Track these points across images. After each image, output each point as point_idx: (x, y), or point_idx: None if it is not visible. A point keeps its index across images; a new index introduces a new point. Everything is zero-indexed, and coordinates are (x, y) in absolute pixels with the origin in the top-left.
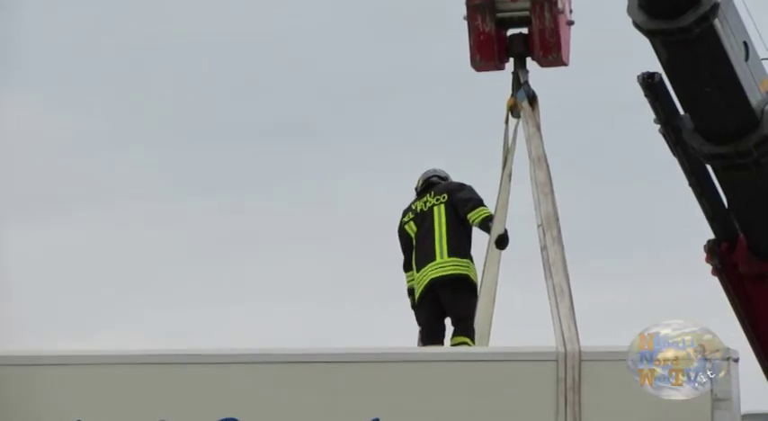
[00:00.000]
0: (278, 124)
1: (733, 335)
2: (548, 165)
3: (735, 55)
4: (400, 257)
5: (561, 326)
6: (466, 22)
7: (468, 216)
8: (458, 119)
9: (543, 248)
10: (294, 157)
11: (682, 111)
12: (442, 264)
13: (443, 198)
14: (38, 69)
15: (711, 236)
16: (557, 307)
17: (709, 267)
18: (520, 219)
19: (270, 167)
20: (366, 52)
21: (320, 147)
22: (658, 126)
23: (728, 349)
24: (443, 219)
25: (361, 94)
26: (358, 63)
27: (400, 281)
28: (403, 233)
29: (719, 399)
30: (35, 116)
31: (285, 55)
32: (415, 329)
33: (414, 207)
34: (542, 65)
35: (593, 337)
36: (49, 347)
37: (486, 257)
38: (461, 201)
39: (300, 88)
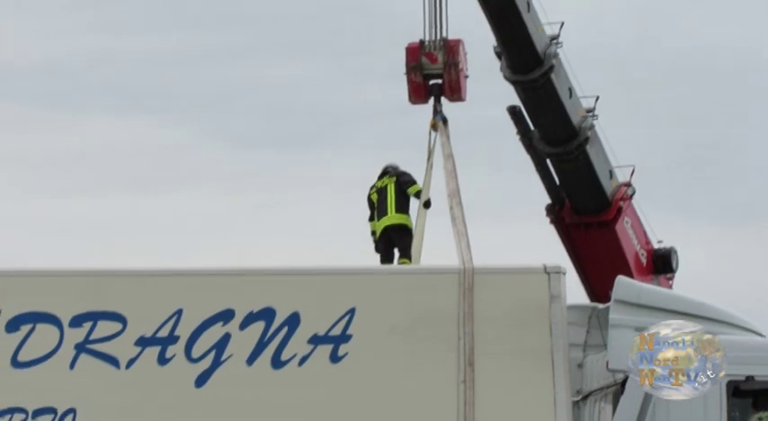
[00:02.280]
0: None
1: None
2: (453, 160)
3: (563, 95)
4: (367, 213)
5: (462, 252)
6: (405, 76)
7: (408, 190)
8: (401, 133)
9: (450, 207)
10: None
11: (532, 127)
12: (391, 218)
13: (393, 179)
14: None
15: (549, 201)
16: (458, 241)
17: (548, 220)
18: (439, 192)
19: None
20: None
21: None
22: (518, 136)
23: (560, 265)
24: (393, 191)
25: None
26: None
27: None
28: (369, 200)
29: (554, 296)
30: None
31: None
32: (376, 256)
33: (376, 184)
34: (450, 101)
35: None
36: None
37: (418, 214)
38: (404, 181)
39: None
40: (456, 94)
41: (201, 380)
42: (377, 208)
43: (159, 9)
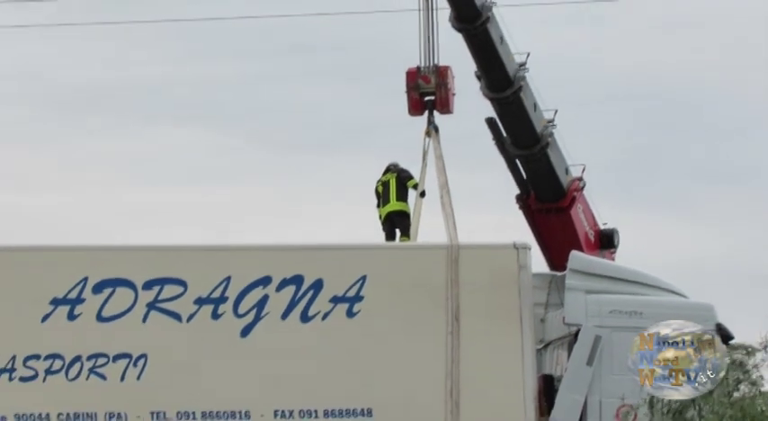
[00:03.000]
0: None
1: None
2: (443, 160)
3: (530, 109)
4: (374, 201)
5: (449, 232)
6: (406, 94)
7: (407, 183)
8: (403, 139)
9: (441, 196)
10: None
11: (505, 134)
12: (393, 205)
13: (394, 175)
14: None
15: (518, 192)
16: (447, 223)
17: (517, 206)
18: (431, 184)
19: None
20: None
21: None
22: (494, 141)
23: (526, 242)
24: (394, 184)
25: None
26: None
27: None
28: (376, 191)
29: (521, 266)
30: None
31: None
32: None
33: (381, 179)
34: (441, 113)
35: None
36: None
37: (415, 202)
38: (403, 177)
39: None
40: (445, 108)
41: (246, 332)
42: (381, 197)
43: (219, 41)
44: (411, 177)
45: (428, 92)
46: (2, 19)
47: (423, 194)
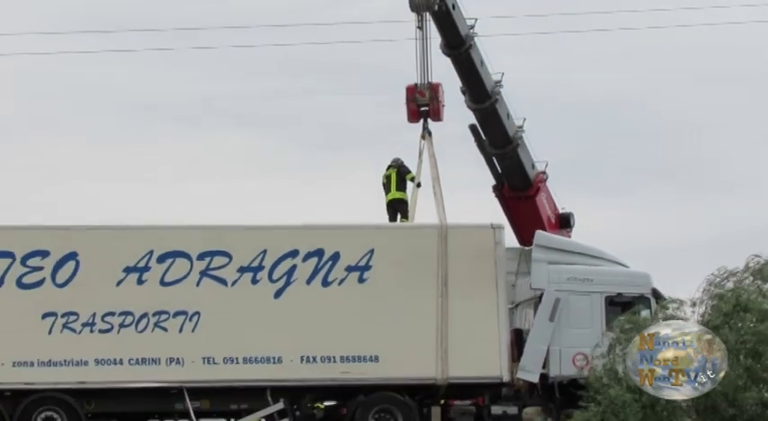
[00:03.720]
0: None
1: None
2: (435, 158)
3: (504, 117)
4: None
5: (440, 215)
6: (405, 106)
7: (406, 176)
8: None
9: (433, 186)
10: None
11: (484, 137)
12: (394, 194)
13: (396, 169)
14: None
15: (494, 183)
16: (438, 208)
17: (493, 195)
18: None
19: None
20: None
21: None
22: (475, 143)
23: (501, 223)
24: (395, 177)
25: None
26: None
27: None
28: (383, 184)
29: (497, 242)
30: None
31: None
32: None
33: (385, 172)
34: (433, 121)
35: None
36: None
37: (412, 191)
38: (403, 171)
39: None
40: (437, 117)
41: (278, 294)
42: (385, 187)
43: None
44: (409, 171)
45: (423, 104)
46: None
47: (418, 185)
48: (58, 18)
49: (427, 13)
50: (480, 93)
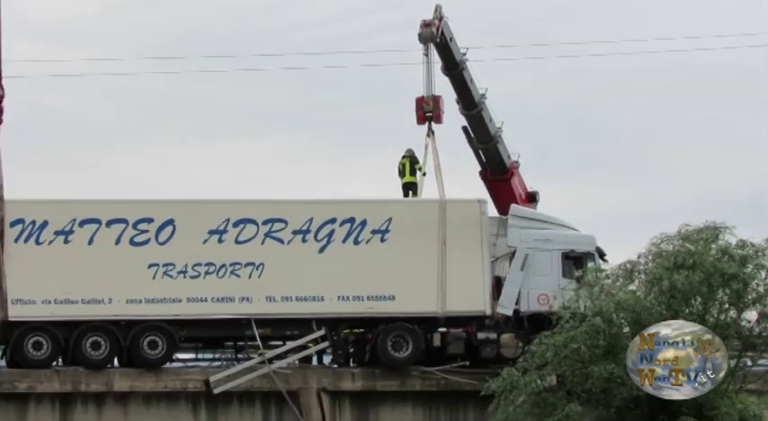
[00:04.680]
0: None
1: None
2: (437, 152)
3: (488, 121)
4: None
5: (441, 193)
6: (415, 112)
7: (416, 165)
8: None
9: (435, 173)
10: None
11: (473, 136)
12: (407, 178)
13: (408, 159)
14: None
15: (480, 169)
16: (439, 188)
17: (480, 178)
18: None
19: None
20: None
21: None
22: (467, 140)
23: (485, 198)
24: (408, 165)
25: None
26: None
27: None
28: (399, 170)
29: (482, 213)
30: None
31: None
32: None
33: (401, 161)
34: (436, 124)
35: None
36: None
37: (419, 177)
38: (414, 161)
39: None
40: (438, 121)
41: (321, 250)
42: (401, 172)
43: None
44: (418, 161)
45: (428, 111)
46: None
47: (424, 174)
48: (161, 46)
49: (431, 44)
50: (470, 103)
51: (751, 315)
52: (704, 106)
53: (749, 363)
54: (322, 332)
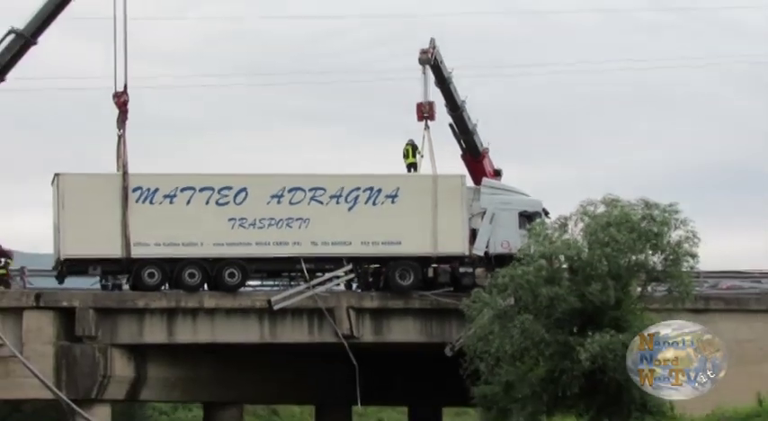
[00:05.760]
0: None
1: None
2: (431, 141)
3: (467, 121)
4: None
5: (434, 170)
6: (416, 113)
7: (416, 151)
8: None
9: (431, 156)
10: None
11: (457, 131)
12: (410, 160)
13: (411, 146)
14: None
15: (461, 153)
16: (432, 167)
17: (461, 160)
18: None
19: None
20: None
21: None
22: (453, 133)
23: (464, 174)
24: (411, 150)
25: None
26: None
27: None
28: (403, 153)
29: (462, 183)
30: None
31: None
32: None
33: (405, 147)
34: (430, 120)
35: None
36: None
37: (418, 159)
38: (414, 147)
39: None
40: (432, 118)
41: (350, 209)
42: (405, 155)
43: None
44: (417, 148)
45: (425, 112)
46: None
47: (422, 156)
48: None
49: (427, 66)
50: (454, 106)
51: (656, 257)
52: (616, 110)
53: (650, 291)
54: (350, 267)
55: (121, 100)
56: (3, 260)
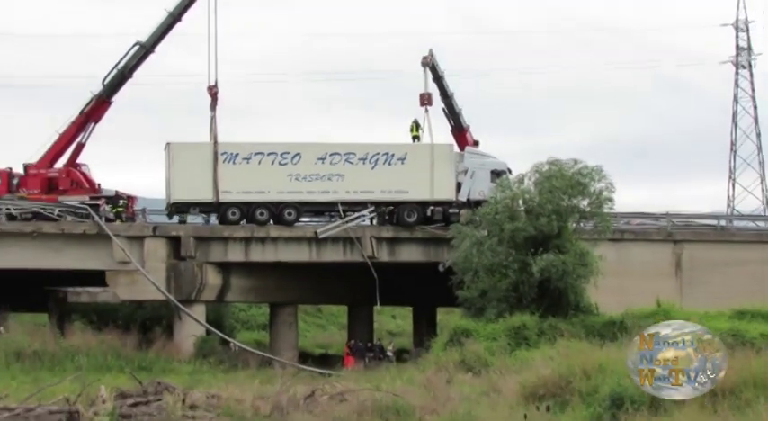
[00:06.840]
0: None
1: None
2: (429, 121)
3: (455, 105)
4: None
5: (431, 140)
6: (419, 100)
7: (418, 126)
8: (417, 112)
9: (429, 130)
10: None
11: (448, 112)
12: (414, 133)
13: (415, 123)
14: None
15: (450, 128)
16: (431, 138)
17: (451, 135)
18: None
19: None
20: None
21: None
22: (444, 115)
23: (453, 143)
24: (415, 127)
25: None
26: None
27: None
28: (410, 128)
29: (451, 150)
30: None
31: None
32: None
33: (411, 124)
34: (429, 106)
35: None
36: None
37: (421, 134)
38: (418, 124)
39: None
40: (430, 104)
41: (372, 168)
42: (411, 129)
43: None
44: (420, 124)
45: (426, 99)
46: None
47: (423, 131)
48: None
49: (427, 68)
50: (446, 96)
51: (585, 201)
52: (561, 100)
53: (581, 225)
54: (371, 208)
55: (213, 91)
56: (121, 201)
